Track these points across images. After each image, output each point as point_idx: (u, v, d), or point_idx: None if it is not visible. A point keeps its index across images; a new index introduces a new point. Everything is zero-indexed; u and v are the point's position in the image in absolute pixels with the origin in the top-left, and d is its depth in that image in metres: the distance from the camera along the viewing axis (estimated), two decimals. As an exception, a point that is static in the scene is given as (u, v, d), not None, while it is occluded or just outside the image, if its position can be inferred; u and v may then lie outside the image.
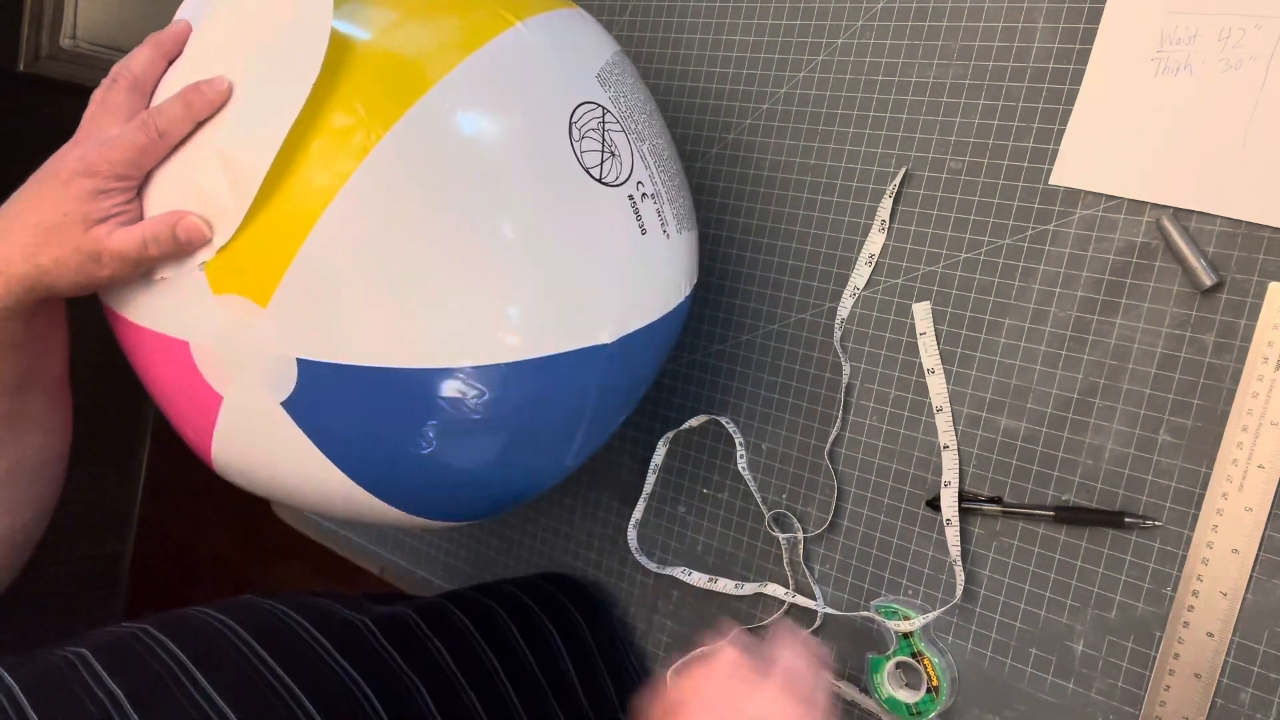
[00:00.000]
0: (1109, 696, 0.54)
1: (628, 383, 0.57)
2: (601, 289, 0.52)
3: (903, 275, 0.62)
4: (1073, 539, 0.56)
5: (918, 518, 0.61)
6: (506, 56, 0.50)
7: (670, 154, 0.59)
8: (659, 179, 0.55)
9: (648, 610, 0.74)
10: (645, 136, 0.55)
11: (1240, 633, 0.50)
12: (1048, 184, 0.57)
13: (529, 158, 0.49)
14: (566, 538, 0.80)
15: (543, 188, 0.49)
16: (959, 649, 0.59)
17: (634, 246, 0.53)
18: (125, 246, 0.47)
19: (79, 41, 0.98)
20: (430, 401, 0.49)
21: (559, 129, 0.50)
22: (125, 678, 0.46)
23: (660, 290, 0.56)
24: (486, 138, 0.49)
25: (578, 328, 0.51)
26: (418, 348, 0.47)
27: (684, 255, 0.58)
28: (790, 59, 0.68)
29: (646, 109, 0.57)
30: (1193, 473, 0.52)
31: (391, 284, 0.46)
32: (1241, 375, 0.51)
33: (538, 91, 0.51)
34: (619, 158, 0.52)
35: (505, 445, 0.53)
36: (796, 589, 0.66)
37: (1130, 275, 0.54)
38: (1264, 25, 0.51)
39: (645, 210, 0.54)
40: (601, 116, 0.52)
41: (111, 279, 0.48)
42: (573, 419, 0.54)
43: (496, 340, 0.49)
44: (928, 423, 0.61)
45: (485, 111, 0.49)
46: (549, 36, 0.53)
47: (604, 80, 0.54)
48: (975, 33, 0.60)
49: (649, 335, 0.56)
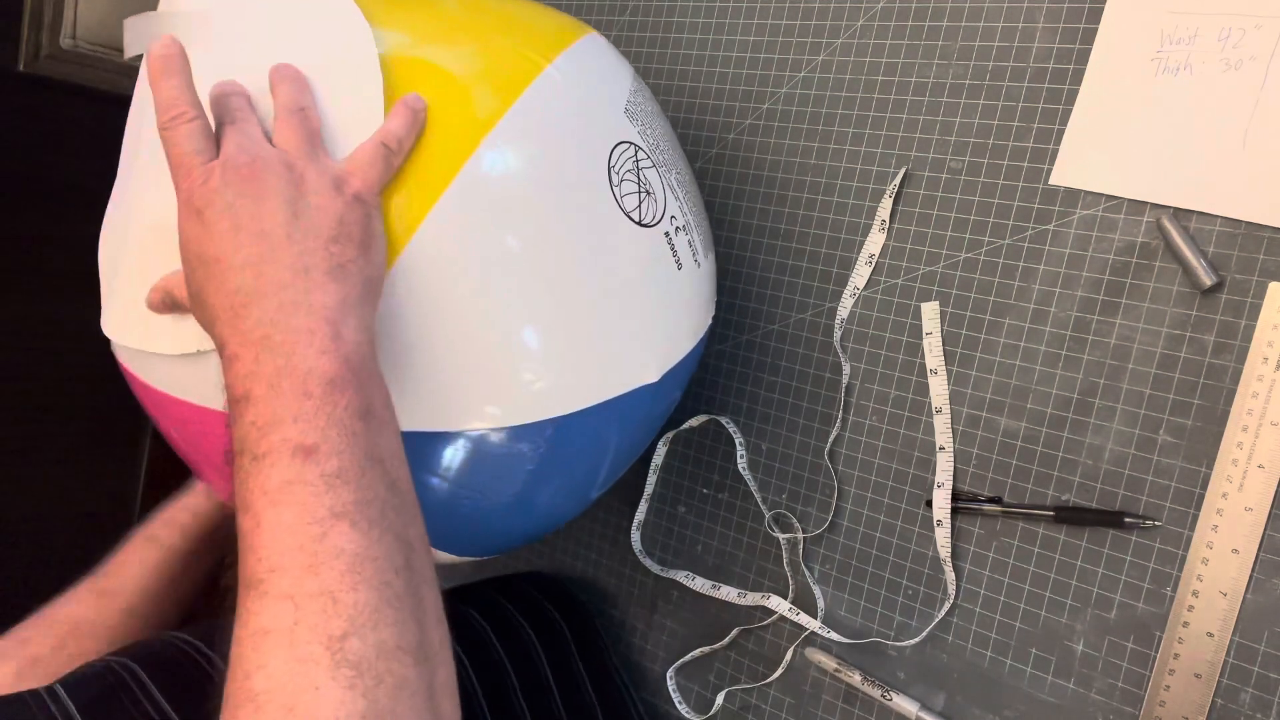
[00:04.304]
0: (1109, 696, 0.54)
1: (663, 409, 0.57)
2: (646, 330, 0.52)
3: (903, 275, 0.62)
4: (1072, 539, 0.56)
5: (917, 518, 0.61)
6: (541, 107, 0.48)
7: (689, 175, 0.58)
8: (686, 208, 0.55)
9: (647, 610, 0.74)
10: (671, 165, 0.55)
11: (1240, 633, 0.50)
12: (1048, 184, 0.57)
13: (577, 212, 0.48)
14: (566, 537, 0.80)
15: (592, 239, 0.48)
16: (959, 649, 0.59)
17: (672, 282, 0.53)
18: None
19: (79, 41, 0.98)
20: (480, 459, 0.48)
21: (600, 176, 0.49)
22: (172, 692, 0.45)
23: (694, 319, 0.56)
24: (534, 197, 0.47)
25: (626, 372, 0.51)
26: (471, 410, 0.47)
27: (710, 278, 0.59)
28: (790, 59, 0.68)
29: (667, 133, 0.57)
30: (1193, 473, 0.52)
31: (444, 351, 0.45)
32: (1241, 375, 0.51)
33: (576, 140, 0.49)
34: (654, 195, 0.52)
35: (547, 487, 0.52)
36: (796, 589, 0.66)
37: (1130, 275, 0.54)
38: (1264, 25, 0.51)
39: (679, 244, 0.54)
40: (635, 156, 0.51)
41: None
42: (608, 453, 0.55)
43: (549, 396, 0.48)
44: (927, 423, 0.61)
45: (529, 169, 0.47)
46: (578, 74, 0.51)
47: (631, 114, 0.53)
48: (975, 33, 0.60)
49: (686, 363, 0.56)
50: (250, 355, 0.37)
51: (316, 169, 0.42)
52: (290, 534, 0.35)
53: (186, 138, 0.41)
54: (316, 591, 0.34)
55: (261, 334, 0.38)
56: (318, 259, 0.39)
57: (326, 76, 0.45)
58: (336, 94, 0.45)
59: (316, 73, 0.45)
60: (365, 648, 0.33)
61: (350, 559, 0.35)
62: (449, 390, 0.46)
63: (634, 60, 0.76)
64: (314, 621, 0.33)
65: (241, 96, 0.44)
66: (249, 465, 0.36)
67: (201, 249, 0.40)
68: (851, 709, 0.63)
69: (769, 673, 0.67)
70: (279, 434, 0.36)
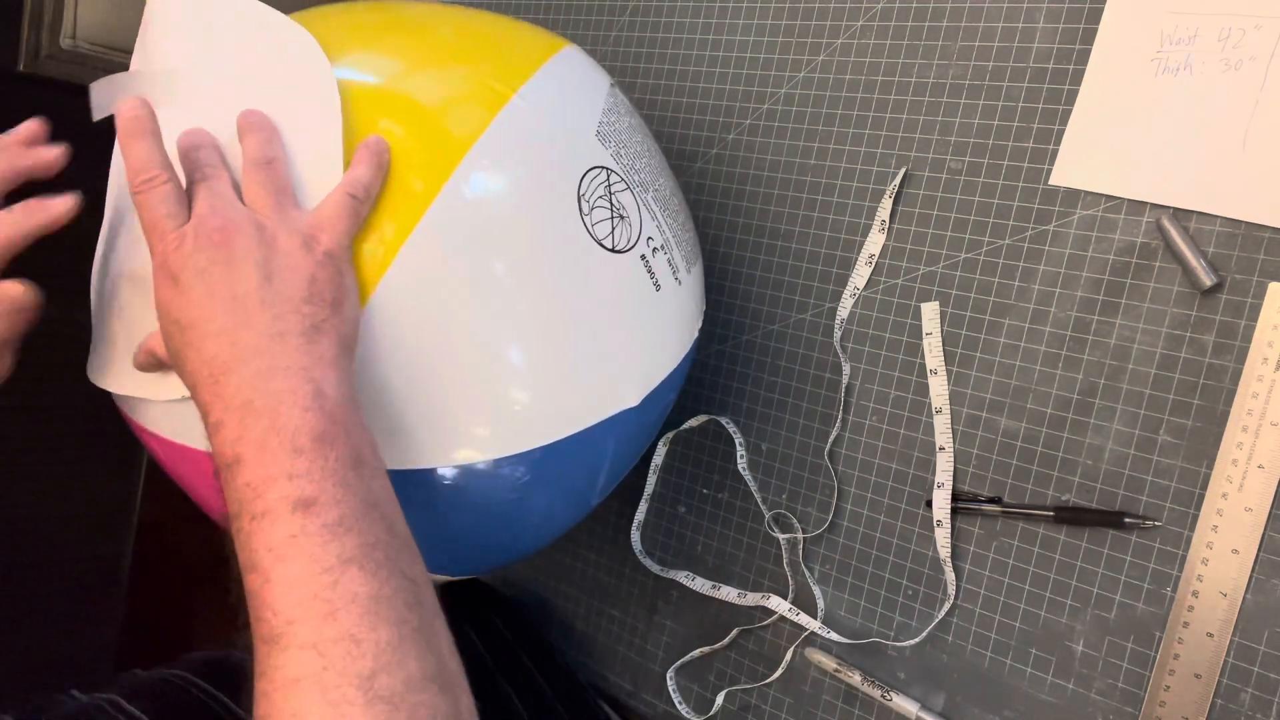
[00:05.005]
0: (1109, 696, 0.54)
1: (651, 420, 0.57)
2: (623, 355, 0.52)
3: (903, 275, 0.62)
4: (1072, 539, 0.56)
5: (917, 518, 0.61)
6: (508, 139, 0.48)
7: (671, 188, 0.58)
8: (665, 226, 0.55)
9: (647, 610, 0.74)
10: (649, 183, 0.54)
11: (1240, 633, 0.50)
12: (1048, 184, 0.57)
13: (544, 244, 0.48)
14: (565, 538, 0.80)
15: (561, 271, 0.48)
16: (959, 649, 0.59)
17: (650, 304, 0.53)
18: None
19: (79, 41, 0.98)
20: (464, 492, 0.48)
21: (569, 206, 0.49)
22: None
23: (676, 337, 0.56)
24: (503, 233, 0.47)
25: (605, 399, 0.51)
26: (451, 445, 0.47)
27: (694, 293, 0.58)
28: (790, 59, 0.68)
29: (645, 148, 0.56)
30: (1193, 473, 0.52)
31: (421, 388, 0.45)
32: (1241, 375, 0.51)
33: (545, 170, 0.49)
34: (628, 220, 0.51)
35: (530, 511, 0.53)
36: (796, 589, 0.66)
37: (1130, 275, 0.54)
38: (1264, 25, 0.51)
39: (657, 265, 0.53)
40: (607, 180, 0.51)
41: None
42: (595, 475, 0.55)
43: (527, 428, 0.48)
44: (927, 423, 0.61)
45: (498, 204, 0.47)
46: (546, 100, 0.51)
47: (603, 136, 0.52)
48: (975, 33, 0.60)
49: (670, 381, 0.56)
50: (235, 420, 0.38)
51: (286, 229, 0.42)
52: (302, 585, 0.35)
53: (160, 201, 0.42)
54: (338, 636, 0.34)
55: (243, 399, 0.38)
56: (291, 322, 0.40)
57: (292, 123, 0.45)
58: (301, 140, 0.45)
59: (282, 117, 0.45)
60: (395, 682, 0.34)
61: (366, 601, 0.35)
62: (425, 428, 0.46)
63: (633, 60, 0.76)
64: (341, 665, 0.34)
65: (210, 149, 0.44)
66: (249, 526, 0.37)
67: (178, 314, 0.40)
68: (851, 709, 0.63)
69: (769, 673, 0.67)
70: (275, 492, 0.36)
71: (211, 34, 0.47)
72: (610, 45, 0.77)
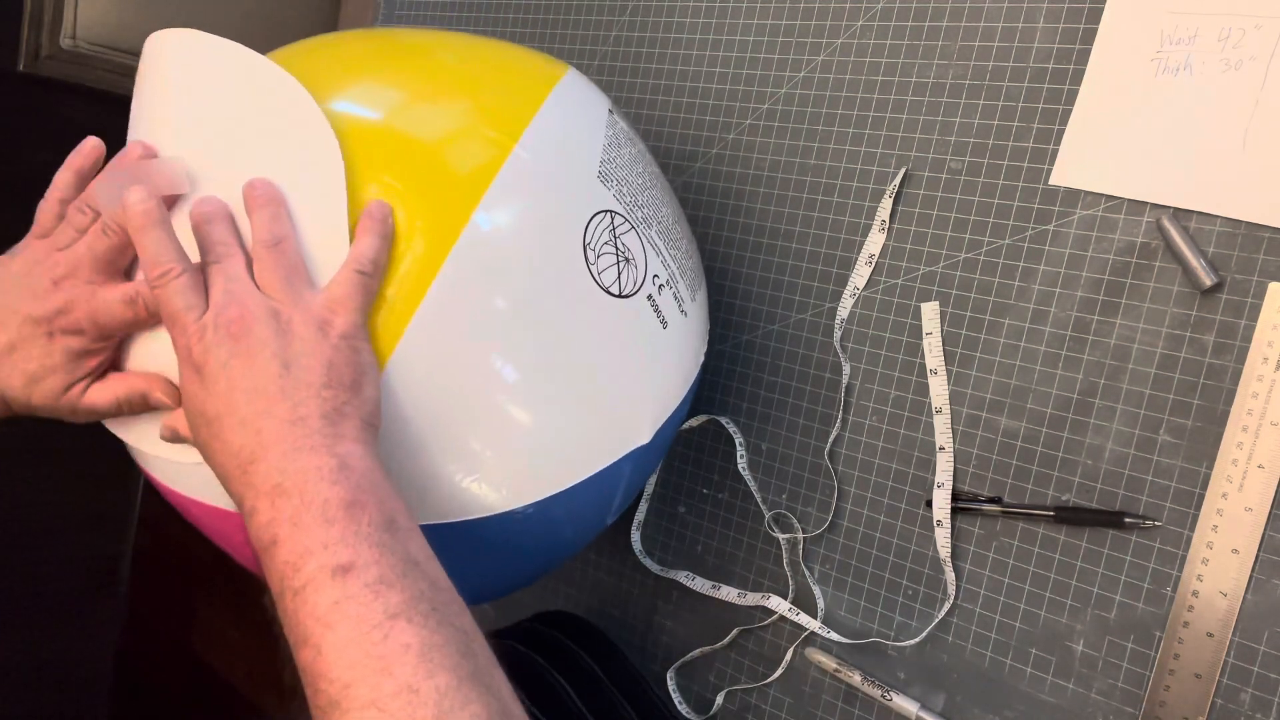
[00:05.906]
0: (1109, 696, 0.54)
1: (662, 444, 0.58)
2: (635, 396, 0.52)
3: (903, 275, 0.62)
4: (1072, 539, 0.56)
5: (917, 518, 0.61)
6: (510, 195, 0.47)
7: (673, 215, 0.57)
8: (669, 259, 0.54)
9: (647, 611, 0.74)
10: (651, 218, 0.54)
11: (1240, 633, 0.50)
12: (1048, 184, 0.57)
13: (554, 300, 0.48)
14: (566, 538, 0.80)
15: (571, 323, 0.48)
16: (959, 649, 0.59)
17: (659, 342, 0.53)
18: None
19: (79, 41, 0.98)
20: (489, 540, 0.49)
21: (576, 259, 0.48)
22: None
23: (684, 368, 0.57)
24: (510, 291, 0.47)
25: (619, 440, 0.52)
26: (470, 500, 0.48)
27: (699, 320, 0.59)
28: (790, 59, 0.68)
29: (645, 179, 0.55)
30: (1193, 473, 0.52)
31: (445, 446, 0.46)
32: (1241, 375, 0.51)
33: (549, 226, 0.48)
34: (633, 262, 0.51)
35: (551, 545, 0.54)
36: (796, 589, 0.66)
37: (1130, 275, 0.54)
38: (1264, 25, 0.51)
39: (664, 302, 0.53)
40: (611, 224, 0.50)
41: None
42: (610, 502, 0.56)
43: (546, 476, 0.49)
44: (927, 423, 0.61)
45: (503, 264, 0.47)
46: (546, 147, 0.50)
47: (605, 176, 0.51)
48: (975, 33, 0.60)
49: (680, 411, 0.57)
50: (266, 504, 0.39)
51: (301, 314, 0.43)
52: (354, 646, 0.35)
53: (177, 294, 0.43)
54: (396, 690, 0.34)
55: (272, 484, 0.39)
56: (311, 408, 0.41)
57: (296, 188, 0.45)
58: (306, 211, 0.45)
59: (285, 181, 0.45)
60: None
61: (418, 650, 0.35)
62: (447, 484, 0.47)
63: (633, 61, 0.76)
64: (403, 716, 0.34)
65: (222, 222, 0.44)
66: (292, 601, 0.37)
67: (203, 407, 0.41)
68: (851, 709, 0.63)
69: (769, 673, 0.67)
70: (314, 563, 0.37)
71: (211, 95, 0.47)
72: (610, 45, 0.77)
